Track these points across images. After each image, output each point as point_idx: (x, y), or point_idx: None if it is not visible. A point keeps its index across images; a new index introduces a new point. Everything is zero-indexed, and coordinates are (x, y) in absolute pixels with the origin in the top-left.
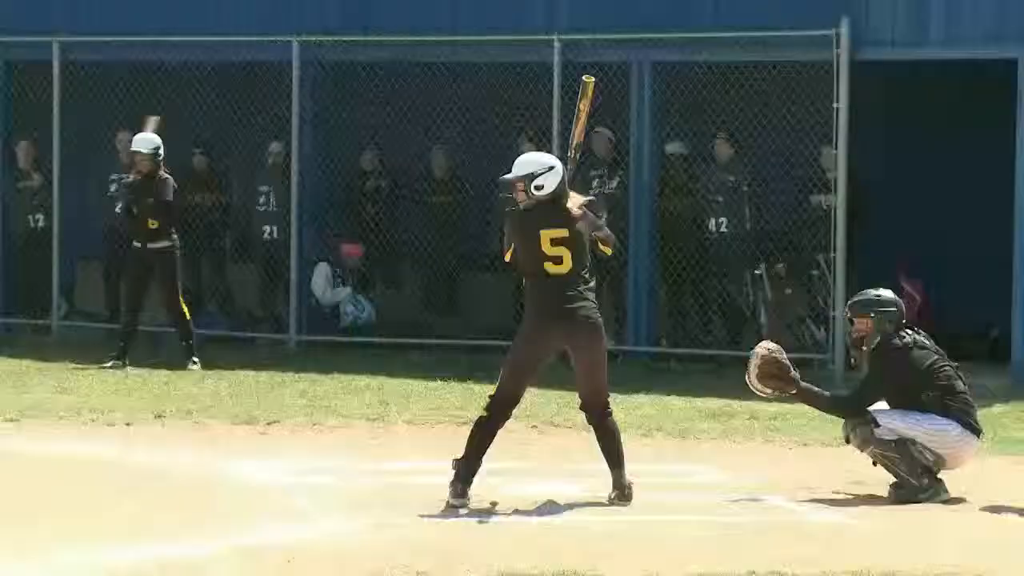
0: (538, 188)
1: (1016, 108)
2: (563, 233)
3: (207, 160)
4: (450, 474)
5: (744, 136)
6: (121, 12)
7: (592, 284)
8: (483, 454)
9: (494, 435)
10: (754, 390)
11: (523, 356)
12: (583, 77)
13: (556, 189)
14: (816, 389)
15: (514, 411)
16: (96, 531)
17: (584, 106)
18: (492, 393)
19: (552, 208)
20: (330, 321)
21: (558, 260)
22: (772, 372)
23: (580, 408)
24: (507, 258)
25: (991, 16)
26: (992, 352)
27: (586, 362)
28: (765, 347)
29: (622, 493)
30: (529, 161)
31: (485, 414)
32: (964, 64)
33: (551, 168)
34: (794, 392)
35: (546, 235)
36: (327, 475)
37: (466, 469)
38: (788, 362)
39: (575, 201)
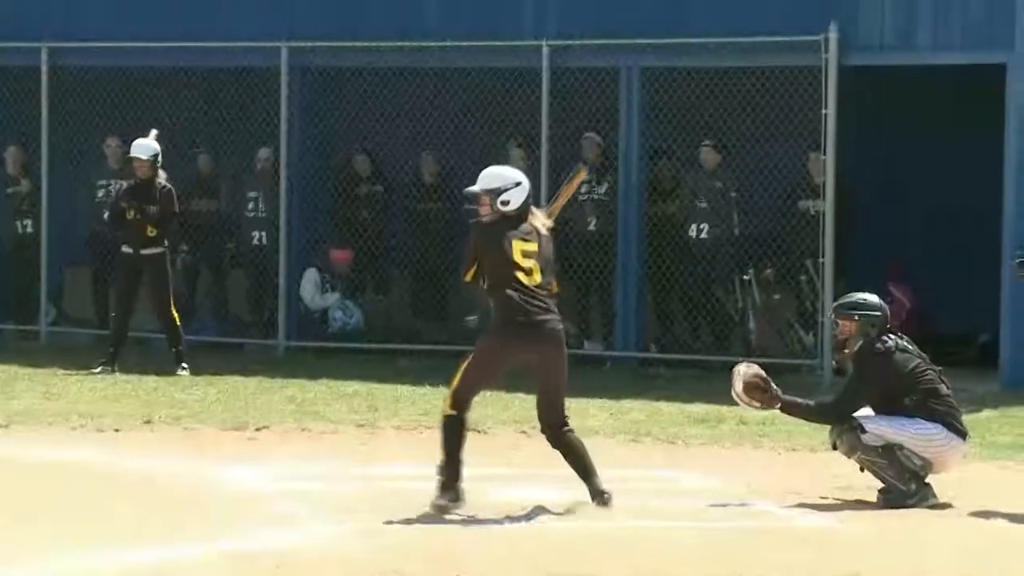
0: (504, 203)
1: (1005, 113)
2: (533, 247)
3: (210, 159)
4: (435, 480)
5: (733, 141)
6: (110, 18)
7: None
8: (462, 450)
9: (465, 428)
10: (740, 403)
11: (491, 362)
12: (579, 165)
13: (522, 206)
14: (798, 399)
15: (505, 416)
16: (85, 537)
17: (567, 189)
18: (453, 390)
19: (519, 222)
20: (319, 327)
21: (529, 271)
22: (756, 385)
23: (541, 431)
24: (468, 277)
25: (979, 21)
26: (981, 358)
27: (551, 375)
28: (743, 367)
29: (601, 500)
30: (496, 175)
31: (452, 412)
32: (955, 68)
33: (518, 184)
34: (778, 405)
35: (518, 245)
36: (316, 480)
37: (454, 470)
38: (766, 377)
39: (540, 221)
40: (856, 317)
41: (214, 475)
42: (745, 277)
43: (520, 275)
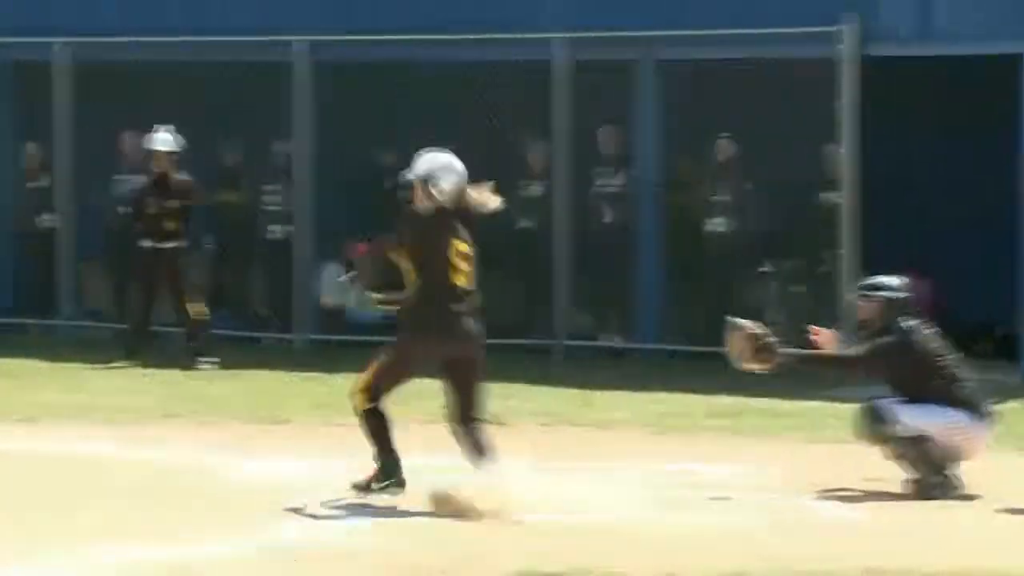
0: (440, 192)
1: (1020, 105)
2: (468, 248)
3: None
4: (371, 471)
5: (751, 133)
6: (127, 12)
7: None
8: (392, 436)
9: (388, 415)
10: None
11: (412, 361)
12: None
13: (456, 195)
14: (802, 351)
15: (525, 408)
16: (104, 531)
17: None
18: (367, 386)
19: (460, 219)
20: (338, 320)
21: (462, 272)
22: (763, 347)
23: (459, 430)
24: (400, 251)
25: (996, 11)
26: (998, 351)
27: (473, 373)
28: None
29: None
30: (428, 161)
31: (371, 406)
32: (974, 59)
33: (451, 170)
34: (780, 362)
35: (456, 244)
36: (335, 474)
37: (392, 458)
38: (768, 335)
39: (484, 198)
40: (881, 297)
41: (234, 469)
42: (763, 269)
43: (452, 274)
